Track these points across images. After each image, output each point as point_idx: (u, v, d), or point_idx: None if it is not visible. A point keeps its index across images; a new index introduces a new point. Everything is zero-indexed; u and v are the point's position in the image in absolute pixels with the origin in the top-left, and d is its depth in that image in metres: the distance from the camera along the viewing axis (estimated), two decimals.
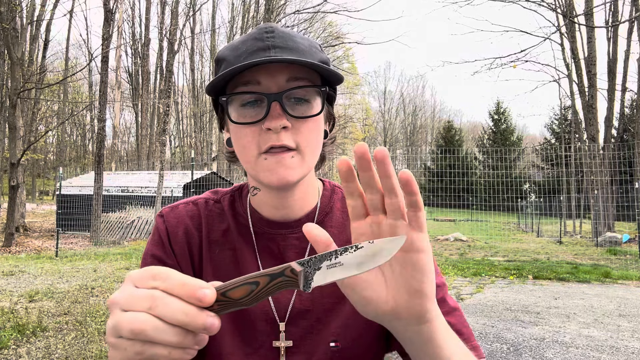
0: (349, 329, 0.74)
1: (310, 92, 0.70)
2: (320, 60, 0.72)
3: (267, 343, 0.74)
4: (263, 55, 0.67)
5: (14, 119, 12.15)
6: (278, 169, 0.68)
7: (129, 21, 33.15)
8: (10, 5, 12.27)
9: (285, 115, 0.67)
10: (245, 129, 0.69)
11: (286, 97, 0.68)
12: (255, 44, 0.69)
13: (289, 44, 0.69)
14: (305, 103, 0.70)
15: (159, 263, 0.77)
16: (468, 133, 63.07)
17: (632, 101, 22.09)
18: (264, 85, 0.68)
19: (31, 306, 5.37)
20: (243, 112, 0.69)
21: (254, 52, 0.68)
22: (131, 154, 39.26)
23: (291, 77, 0.68)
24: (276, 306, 0.75)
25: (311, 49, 0.72)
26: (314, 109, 0.70)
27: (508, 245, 13.56)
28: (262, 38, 0.69)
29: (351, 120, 39.57)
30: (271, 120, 0.66)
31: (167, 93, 16.17)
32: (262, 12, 17.54)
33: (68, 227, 15.60)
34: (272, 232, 0.78)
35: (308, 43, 0.73)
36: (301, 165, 0.69)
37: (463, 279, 7.67)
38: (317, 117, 0.71)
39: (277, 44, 0.69)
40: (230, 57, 0.71)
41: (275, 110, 0.67)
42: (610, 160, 14.93)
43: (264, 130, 0.68)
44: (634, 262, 9.69)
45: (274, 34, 0.70)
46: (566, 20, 15.17)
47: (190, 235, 0.79)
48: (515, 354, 4.02)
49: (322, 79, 0.73)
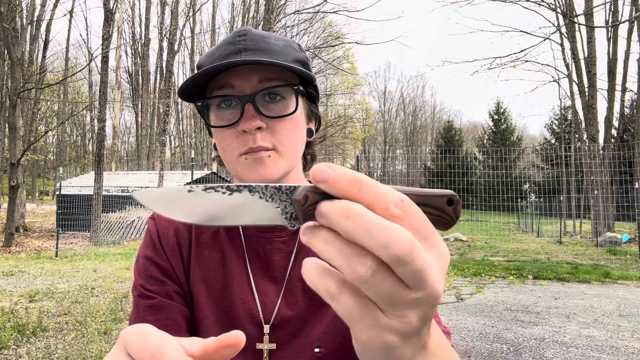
0: (334, 335, 0.74)
1: (285, 91, 0.71)
2: (296, 59, 0.73)
3: (252, 345, 0.74)
4: (234, 58, 0.69)
5: (14, 119, 12.15)
6: (257, 167, 0.69)
7: (129, 21, 33.19)
8: (10, 5, 12.26)
9: (259, 115, 0.68)
10: (224, 131, 0.71)
11: (260, 98, 0.69)
12: (228, 48, 0.71)
13: (260, 46, 0.71)
14: (281, 102, 0.71)
15: (152, 264, 0.77)
16: (468, 133, 63.07)
17: (632, 101, 22.08)
18: (237, 88, 0.69)
19: (31, 306, 5.37)
20: (220, 114, 0.71)
21: (225, 56, 0.70)
22: (131, 154, 39.28)
23: (263, 78, 0.69)
24: (262, 308, 0.75)
25: (286, 49, 0.73)
26: (289, 107, 0.71)
27: (508, 245, 13.56)
28: (234, 42, 0.71)
29: (351, 120, 39.54)
30: (245, 122, 0.68)
31: (167, 93, 16.19)
32: (262, 12, 17.55)
33: (68, 227, 15.59)
34: (258, 235, 0.79)
35: (283, 43, 0.74)
36: (280, 162, 0.71)
37: (463, 279, 7.67)
38: (293, 116, 0.72)
39: (248, 47, 0.70)
40: (206, 63, 0.72)
41: (248, 112, 0.68)
42: (610, 160, 14.94)
43: (240, 133, 0.69)
44: (634, 262, 9.69)
45: (245, 37, 0.71)
46: (566, 20, 15.17)
47: (181, 236, 0.80)
48: (515, 354, 4.02)
49: (300, 78, 0.74)
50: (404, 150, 55.35)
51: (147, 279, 0.76)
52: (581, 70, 16.26)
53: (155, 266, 0.76)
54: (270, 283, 0.76)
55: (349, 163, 52.17)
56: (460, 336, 4.50)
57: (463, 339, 4.42)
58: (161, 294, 0.74)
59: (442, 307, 5.64)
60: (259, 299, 0.76)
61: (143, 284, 0.76)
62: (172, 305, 0.74)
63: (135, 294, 0.77)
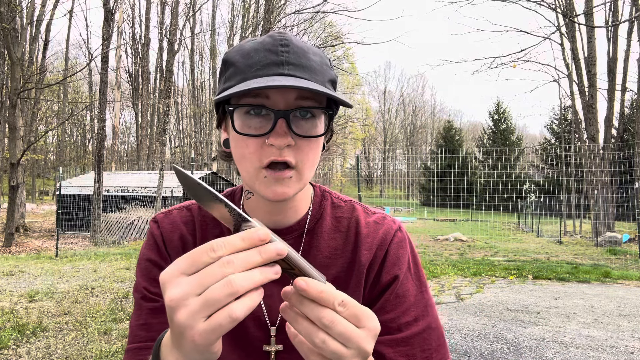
0: None
1: (316, 111, 0.70)
2: (330, 79, 0.73)
3: (259, 347, 0.75)
4: (276, 70, 0.67)
5: (14, 119, 12.15)
6: (276, 186, 0.68)
7: (129, 21, 33.18)
8: (10, 5, 12.26)
9: (290, 133, 0.67)
10: (248, 140, 0.68)
11: (293, 115, 0.68)
12: (269, 56, 0.68)
13: (302, 62, 0.68)
14: (311, 121, 0.69)
15: (155, 267, 0.77)
16: (468, 133, 63.07)
17: (632, 101, 22.09)
18: (272, 100, 0.67)
19: (31, 306, 5.37)
20: (247, 121, 0.69)
21: (266, 65, 0.67)
22: (131, 154, 39.28)
23: (300, 96, 0.68)
24: (268, 311, 0.76)
25: (322, 67, 0.71)
26: (318, 128, 0.70)
27: (508, 245, 13.57)
28: (276, 51, 0.68)
29: (351, 120, 39.54)
30: (276, 137, 0.66)
31: (167, 93, 16.19)
32: (262, 12, 17.53)
33: (68, 227, 15.60)
34: None
35: (320, 60, 0.72)
36: (298, 182, 0.70)
37: (463, 279, 7.68)
38: (319, 137, 0.71)
39: (290, 60, 0.68)
40: (241, 65, 0.70)
41: (281, 128, 0.66)
42: (610, 160, 14.94)
43: (266, 144, 0.68)
44: (634, 262, 9.70)
45: (288, 49, 0.68)
46: (566, 20, 15.17)
47: (186, 242, 0.79)
48: (515, 354, 4.02)
49: (328, 99, 0.73)
50: (404, 150, 55.38)
51: (150, 282, 0.76)
52: (581, 70, 16.25)
53: (159, 269, 0.76)
54: (276, 285, 0.75)
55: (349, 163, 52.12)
56: (460, 336, 4.50)
57: (463, 339, 4.43)
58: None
59: (443, 307, 5.65)
60: (265, 301, 0.76)
61: (146, 287, 0.76)
62: None
63: (138, 296, 0.76)
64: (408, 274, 0.78)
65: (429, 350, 0.74)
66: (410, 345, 0.73)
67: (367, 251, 0.78)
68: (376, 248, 0.78)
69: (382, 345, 0.72)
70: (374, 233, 0.79)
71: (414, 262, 0.80)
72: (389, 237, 0.79)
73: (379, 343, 0.72)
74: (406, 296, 0.76)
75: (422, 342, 0.74)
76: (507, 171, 21.65)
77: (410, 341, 0.73)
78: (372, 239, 0.79)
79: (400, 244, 0.79)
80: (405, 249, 0.80)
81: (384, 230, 0.80)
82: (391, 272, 0.77)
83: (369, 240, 0.79)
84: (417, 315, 0.75)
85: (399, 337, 0.73)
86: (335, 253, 0.79)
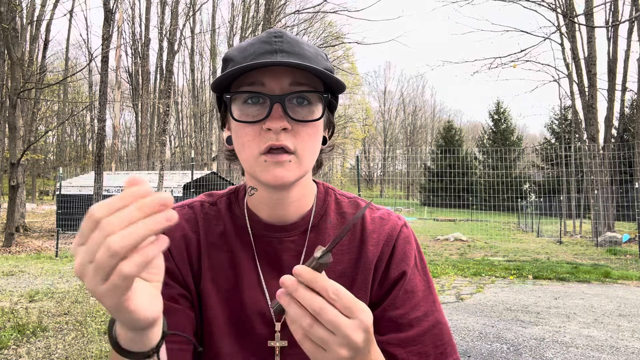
0: None
1: (312, 97, 0.72)
2: (325, 69, 0.74)
3: (264, 343, 0.76)
4: (270, 57, 0.70)
5: (14, 119, 12.15)
6: (275, 169, 0.70)
7: (129, 21, 33.13)
8: (10, 5, 12.26)
9: (286, 117, 0.69)
10: (247, 127, 0.71)
11: (288, 100, 0.70)
12: (263, 46, 0.71)
13: (295, 50, 0.71)
14: (307, 107, 0.72)
15: None
16: (468, 133, 63.08)
17: (632, 101, 22.06)
18: (267, 87, 0.70)
19: (31, 306, 5.37)
20: (245, 109, 0.71)
21: (261, 54, 0.70)
22: (131, 154, 39.27)
23: (294, 82, 0.70)
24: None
25: (317, 57, 0.74)
26: (314, 113, 0.72)
27: (508, 245, 13.56)
28: (270, 42, 0.72)
29: (351, 120, 39.57)
30: (272, 121, 0.69)
31: (167, 93, 16.18)
32: (262, 12, 17.55)
33: (68, 227, 15.59)
34: (268, 235, 0.79)
35: (314, 51, 0.75)
36: (298, 167, 0.71)
37: (463, 279, 7.68)
38: (316, 122, 0.73)
39: (284, 49, 0.71)
40: (238, 58, 0.73)
41: (277, 112, 0.69)
42: (610, 160, 14.93)
43: (264, 130, 0.70)
44: (634, 262, 9.69)
45: (282, 39, 0.72)
46: (566, 20, 15.17)
47: (189, 240, 0.79)
48: (515, 354, 4.02)
49: (325, 86, 0.75)
50: (404, 150, 55.36)
51: None
52: (581, 70, 16.25)
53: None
54: None
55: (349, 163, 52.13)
56: (460, 336, 4.50)
57: (463, 339, 4.42)
58: (166, 296, 0.75)
59: (443, 307, 5.65)
60: (270, 297, 0.77)
61: None
62: (177, 309, 0.74)
63: None
64: (415, 270, 0.79)
65: (442, 345, 0.75)
66: (422, 344, 0.74)
67: (373, 247, 0.79)
68: (383, 244, 0.79)
69: (393, 346, 0.73)
70: (379, 229, 0.80)
71: (419, 258, 0.81)
72: (395, 233, 0.80)
73: (388, 344, 0.73)
74: (415, 292, 0.77)
75: (433, 337, 0.75)
76: (507, 171, 21.65)
77: (421, 339, 0.74)
78: (378, 235, 0.80)
79: (407, 240, 0.80)
80: (412, 245, 0.80)
81: (390, 226, 0.81)
82: (399, 268, 0.77)
83: (375, 236, 0.80)
84: (427, 310, 0.76)
85: (409, 336, 0.74)
86: (341, 249, 0.79)
